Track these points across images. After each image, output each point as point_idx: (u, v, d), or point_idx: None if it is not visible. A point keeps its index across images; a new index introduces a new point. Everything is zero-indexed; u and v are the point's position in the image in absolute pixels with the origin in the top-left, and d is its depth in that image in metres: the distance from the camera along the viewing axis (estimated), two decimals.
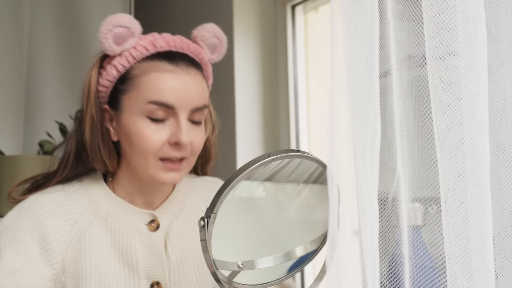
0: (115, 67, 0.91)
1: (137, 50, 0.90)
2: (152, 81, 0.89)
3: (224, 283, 0.71)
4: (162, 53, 0.91)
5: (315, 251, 0.79)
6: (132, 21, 0.90)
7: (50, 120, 1.81)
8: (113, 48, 0.89)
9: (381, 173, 0.55)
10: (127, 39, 0.90)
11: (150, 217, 0.97)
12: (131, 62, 0.91)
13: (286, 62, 1.88)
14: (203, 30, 0.97)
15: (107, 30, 0.89)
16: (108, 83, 0.92)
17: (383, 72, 0.57)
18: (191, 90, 0.90)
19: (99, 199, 0.95)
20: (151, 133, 0.88)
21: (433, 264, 0.60)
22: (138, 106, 0.89)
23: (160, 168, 0.90)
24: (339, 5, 0.54)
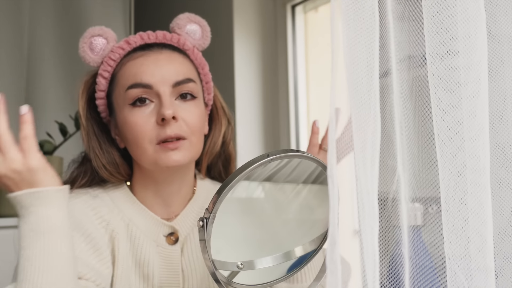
0: (101, 75, 0.93)
1: (114, 53, 0.92)
2: (126, 70, 0.90)
3: (223, 283, 0.71)
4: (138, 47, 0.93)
5: (315, 251, 0.78)
6: (102, 29, 0.93)
7: (50, 120, 1.81)
8: (93, 58, 0.93)
9: (381, 173, 0.55)
10: (103, 47, 0.93)
11: (170, 230, 0.94)
12: (112, 65, 0.92)
13: (286, 62, 1.88)
14: (177, 19, 0.99)
15: (83, 44, 0.93)
16: (102, 93, 0.93)
17: (383, 72, 0.57)
18: (166, 65, 0.90)
19: (123, 204, 0.93)
20: (137, 118, 0.87)
21: (433, 264, 0.59)
22: (121, 98, 0.89)
23: (159, 151, 0.87)
24: (339, 5, 0.54)
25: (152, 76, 0.88)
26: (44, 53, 2.00)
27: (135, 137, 0.88)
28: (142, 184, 0.94)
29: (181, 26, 0.97)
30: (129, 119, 0.88)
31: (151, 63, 0.89)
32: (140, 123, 0.87)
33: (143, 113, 0.87)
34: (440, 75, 0.55)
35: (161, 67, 0.89)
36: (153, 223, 0.93)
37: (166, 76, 0.88)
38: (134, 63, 0.90)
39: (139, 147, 0.88)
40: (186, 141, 0.88)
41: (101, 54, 0.93)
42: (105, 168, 0.92)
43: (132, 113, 0.88)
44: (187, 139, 0.88)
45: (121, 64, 0.92)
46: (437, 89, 0.55)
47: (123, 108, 0.89)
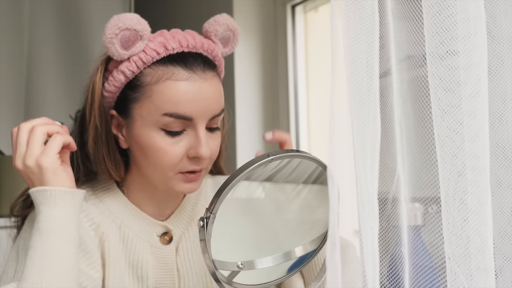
0: (123, 73, 0.83)
1: (147, 54, 0.82)
2: (166, 91, 0.81)
3: (223, 283, 0.71)
4: (175, 55, 0.83)
5: (315, 251, 0.79)
6: (140, 22, 0.82)
7: None
8: (120, 53, 0.81)
9: (381, 173, 0.55)
10: (136, 42, 0.82)
11: (163, 229, 0.92)
12: (141, 67, 0.83)
13: (286, 62, 1.88)
14: (216, 24, 0.89)
15: (113, 34, 0.80)
16: (115, 89, 0.85)
17: (383, 72, 0.57)
18: (209, 98, 0.83)
19: (114, 206, 0.90)
20: (167, 146, 0.82)
21: (433, 264, 0.59)
22: (152, 117, 0.81)
23: (180, 180, 0.84)
24: (339, 5, 0.54)
25: (195, 110, 0.81)
26: (44, 53, 2.00)
27: (158, 162, 0.83)
28: (138, 187, 0.92)
29: (219, 33, 0.89)
30: (158, 143, 0.82)
31: (197, 95, 0.82)
32: (170, 153, 0.82)
33: (175, 143, 0.82)
34: (440, 75, 0.55)
35: (203, 99, 0.82)
36: (145, 224, 0.91)
37: (207, 110, 0.83)
38: (177, 87, 0.81)
39: (159, 171, 0.84)
40: (204, 169, 0.87)
41: (132, 51, 0.82)
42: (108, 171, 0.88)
43: (163, 139, 0.82)
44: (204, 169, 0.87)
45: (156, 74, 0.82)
46: (437, 89, 0.55)
47: (150, 126, 0.82)
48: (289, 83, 1.87)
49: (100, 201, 0.90)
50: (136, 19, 0.82)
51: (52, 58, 2.00)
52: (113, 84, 0.85)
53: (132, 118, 0.85)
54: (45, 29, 2.02)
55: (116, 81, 0.85)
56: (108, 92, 0.86)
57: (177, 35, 0.85)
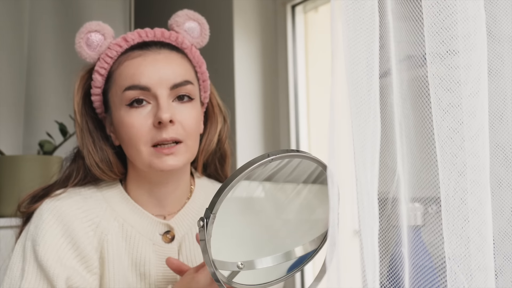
0: (98, 72, 0.91)
1: (111, 50, 0.91)
2: (124, 70, 0.89)
3: (223, 283, 0.71)
4: (135, 45, 0.91)
5: (315, 251, 0.79)
6: (100, 24, 0.92)
7: (50, 120, 1.81)
8: (89, 54, 0.91)
9: (381, 173, 0.55)
10: (100, 43, 0.91)
11: (166, 228, 0.94)
12: (109, 62, 0.91)
13: (286, 62, 1.88)
14: (175, 16, 0.97)
15: (79, 39, 0.91)
16: (98, 90, 0.92)
17: (383, 72, 0.57)
18: (164, 67, 0.88)
19: (117, 205, 0.92)
20: (133, 119, 0.86)
21: (433, 264, 0.59)
22: (118, 97, 0.88)
23: (155, 155, 0.86)
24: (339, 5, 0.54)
25: (150, 78, 0.86)
26: (44, 53, 2.00)
27: (130, 138, 0.87)
28: (136, 183, 0.94)
29: (180, 23, 0.96)
30: (125, 119, 0.87)
31: (149, 64, 0.88)
32: (136, 125, 0.86)
33: (140, 115, 0.86)
34: (440, 75, 0.55)
35: (159, 69, 0.88)
36: (148, 222, 0.92)
37: (164, 78, 0.87)
38: (132, 63, 0.89)
39: (134, 148, 0.87)
40: (182, 144, 0.87)
41: (98, 50, 0.91)
42: (98, 166, 0.91)
43: (128, 114, 0.87)
44: (183, 143, 0.87)
45: (118, 62, 0.91)
46: (437, 88, 0.55)
47: (119, 108, 0.88)
48: (289, 83, 1.87)
49: (104, 199, 0.92)
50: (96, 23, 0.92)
51: (52, 58, 2.00)
52: (94, 86, 0.93)
53: (110, 109, 0.92)
54: (45, 29, 2.01)
55: (95, 81, 0.92)
56: (94, 95, 0.93)
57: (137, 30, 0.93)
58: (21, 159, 1.61)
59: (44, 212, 0.89)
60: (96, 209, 0.91)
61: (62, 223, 0.87)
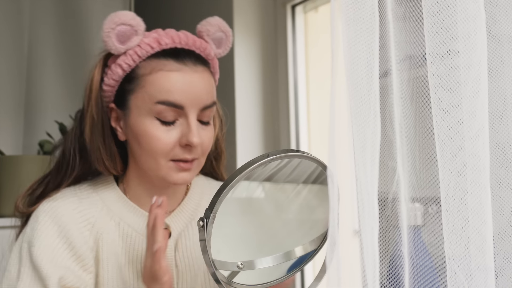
0: (120, 66, 0.88)
1: (141, 48, 0.87)
2: (158, 81, 0.86)
3: (223, 283, 0.71)
4: (168, 50, 0.88)
5: (315, 251, 0.79)
6: (135, 18, 0.88)
7: (50, 120, 1.81)
8: (117, 47, 0.87)
9: (381, 173, 0.55)
10: (131, 37, 0.87)
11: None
12: (136, 60, 0.88)
13: (286, 62, 1.88)
14: (207, 24, 0.94)
15: (109, 29, 0.86)
16: (114, 82, 0.89)
17: (383, 72, 0.57)
18: (200, 88, 0.87)
19: (113, 204, 0.93)
20: (161, 134, 0.85)
21: (433, 264, 0.59)
22: (146, 106, 0.86)
23: (172, 169, 0.87)
24: (339, 5, 0.54)
25: (186, 98, 0.85)
26: (44, 53, 2.00)
27: (151, 149, 0.86)
28: (137, 182, 0.94)
29: (211, 33, 0.94)
30: (150, 130, 0.86)
31: (187, 83, 0.86)
32: (162, 140, 0.85)
33: (168, 131, 0.86)
34: (440, 75, 0.55)
35: (195, 89, 0.87)
36: (145, 220, 0.92)
37: (198, 99, 0.87)
38: (169, 76, 0.86)
39: (153, 159, 0.87)
40: (196, 161, 0.89)
41: (127, 45, 0.87)
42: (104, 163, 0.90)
43: (155, 127, 0.86)
44: (197, 159, 0.89)
45: (149, 66, 0.87)
46: (437, 88, 0.55)
47: (145, 116, 0.86)
48: (289, 83, 1.87)
49: (100, 199, 0.93)
50: (132, 15, 0.88)
51: (52, 58, 2.00)
52: (111, 78, 0.89)
53: (129, 109, 0.89)
54: (45, 29, 2.01)
55: (114, 74, 0.89)
56: (107, 85, 0.90)
57: (170, 33, 0.90)
58: (21, 159, 1.61)
59: (40, 214, 0.89)
60: (92, 209, 0.91)
61: (57, 224, 0.88)
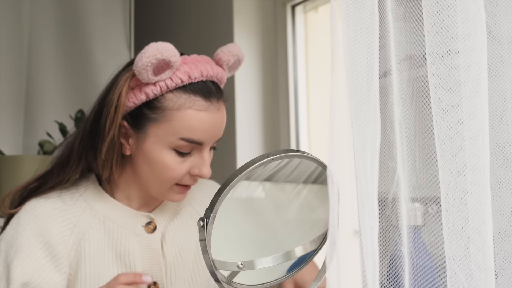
0: (147, 94, 0.89)
1: (173, 82, 0.89)
2: (187, 119, 0.89)
3: (223, 283, 0.71)
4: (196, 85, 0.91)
5: (315, 251, 0.78)
6: (175, 54, 0.87)
7: (50, 120, 1.81)
8: (150, 79, 0.87)
9: (381, 173, 0.55)
10: (166, 70, 0.88)
11: (147, 219, 0.98)
12: (164, 91, 0.89)
13: (286, 62, 1.88)
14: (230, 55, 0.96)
15: (149, 63, 0.85)
16: (133, 105, 0.91)
17: (383, 72, 0.57)
18: (221, 127, 0.94)
19: (96, 203, 0.95)
20: (175, 165, 0.90)
21: (433, 264, 0.59)
22: (168, 139, 0.89)
23: (175, 191, 0.93)
24: (339, 5, 0.54)
25: (207, 137, 0.91)
26: (44, 52, 2.00)
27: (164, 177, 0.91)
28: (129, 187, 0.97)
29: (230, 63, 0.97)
30: (167, 160, 0.90)
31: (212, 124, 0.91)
32: (176, 171, 0.90)
33: (182, 163, 0.91)
34: (440, 75, 0.55)
35: (216, 127, 0.92)
36: (129, 215, 0.96)
37: (217, 136, 0.94)
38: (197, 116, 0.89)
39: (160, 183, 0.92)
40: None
41: (160, 77, 0.88)
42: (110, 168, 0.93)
43: (172, 158, 0.90)
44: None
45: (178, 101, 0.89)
46: (437, 88, 0.55)
47: (163, 146, 0.90)
48: (289, 83, 1.87)
49: (83, 198, 0.95)
50: (173, 51, 0.87)
51: (52, 57, 2.00)
52: (132, 101, 0.91)
53: (145, 134, 0.91)
54: (45, 28, 2.01)
55: (136, 99, 0.90)
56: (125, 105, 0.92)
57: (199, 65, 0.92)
58: (21, 159, 1.61)
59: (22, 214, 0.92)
60: (74, 208, 0.94)
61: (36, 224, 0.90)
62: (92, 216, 0.94)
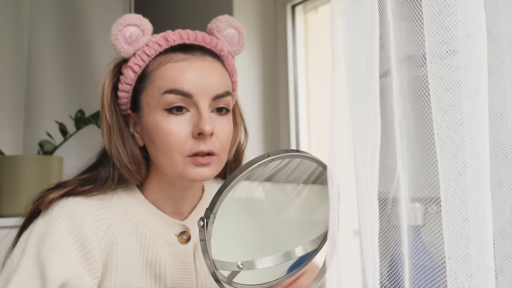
0: (131, 68, 0.88)
1: (150, 47, 0.87)
2: (166, 72, 0.85)
3: (223, 283, 0.71)
4: (176, 46, 0.88)
5: (315, 251, 0.78)
6: (141, 18, 0.88)
7: (50, 120, 1.81)
8: (125, 49, 0.87)
9: (381, 173, 0.55)
10: (138, 38, 0.87)
11: (182, 228, 0.92)
12: (146, 60, 0.87)
13: (286, 62, 1.88)
14: (217, 21, 0.93)
15: (117, 31, 0.86)
16: (128, 86, 0.89)
17: (383, 72, 0.57)
18: (209, 76, 0.85)
19: (131, 205, 0.90)
20: (171, 126, 0.83)
21: (433, 264, 0.59)
22: (155, 100, 0.85)
23: (189, 165, 0.84)
24: (339, 5, 0.54)
25: (194, 86, 0.83)
26: (44, 53, 2.00)
27: (167, 145, 0.83)
28: (157, 186, 0.91)
29: (221, 29, 0.92)
30: (162, 125, 0.83)
31: (194, 70, 0.85)
32: (174, 133, 0.83)
33: (179, 123, 0.83)
34: (440, 75, 0.55)
35: (204, 77, 0.85)
36: (163, 223, 0.91)
37: (208, 87, 0.84)
38: (175, 66, 0.85)
39: (167, 155, 0.84)
40: (216, 157, 0.85)
41: (135, 45, 0.87)
42: (127, 168, 0.88)
43: (166, 120, 0.83)
44: (216, 156, 0.85)
45: (157, 62, 0.87)
46: (437, 88, 0.55)
47: (155, 111, 0.85)
48: (289, 83, 1.87)
49: (119, 200, 0.90)
50: (137, 16, 0.88)
51: (52, 58, 2.00)
52: (124, 82, 0.89)
53: (141, 109, 0.88)
54: (45, 28, 2.02)
55: (126, 78, 0.88)
56: (122, 91, 0.90)
57: (178, 30, 0.89)
58: (21, 159, 1.61)
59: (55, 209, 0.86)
60: (110, 208, 0.88)
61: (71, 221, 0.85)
62: (126, 219, 0.89)
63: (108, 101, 0.89)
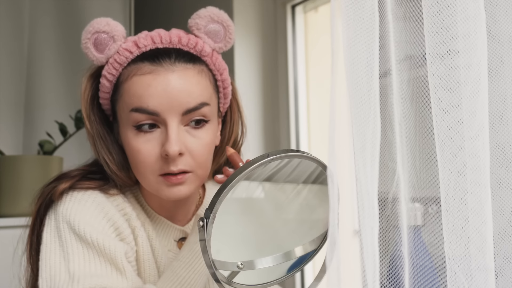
0: (105, 77, 0.83)
1: (120, 55, 0.81)
2: (132, 86, 0.79)
3: (223, 283, 0.71)
4: (147, 53, 0.81)
5: (315, 251, 0.78)
6: (109, 23, 0.81)
7: (50, 120, 1.81)
8: (97, 57, 0.82)
9: (381, 173, 0.55)
10: (108, 45, 0.81)
11: (181, 234, 0.90)
12: (118, 68, 0.82)
13: (286, 62, 1.88)
14: (197, 17, 0.84)
15: (86, 39, 0.81)
16: (106, 95, 0.84)
17: (383, 72, 0.57)
18: (176, 90, 0.77)
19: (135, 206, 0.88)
20: (140, 145, 0.78)
21: (433, 264, 0.59)
22: (125, 116, 0.80)
23: (162, 184, 0.79)
24: (339, 5, 0.54)
25: (160, 103, 0.77)
26: (44, 53, 2.00)
27: (138, 164, 0.80)
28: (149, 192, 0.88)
29: (201, 26, 0.84)
30: (132, 143, 0.79)
31: (159, 86, 0.77)
32: (143, 152, 0.78)
33: (148, 142, 0.78)
34: (440, 75, 0.55)
35: (170, 92, 0.77)
36: (163, 227, 0.89)
37: (176, 103, 0.77)
38: (141, 80, 0.78)
39: (141, 174, 0.81)
40: (191, 174, 0.80)
41: (106, 53, 0.81)
42: (117, 175, 0.84)
43: (135, 138, 0.79)
44: (192, 173, 0.80)
45: (128, 71, 0.81)
46: (437, 88, 0.55)
47: (126, 127, 0.80)
48: (289, 83, 1.87)
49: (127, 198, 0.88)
50: (105, 21, 0.82)
51: (52, 58, 2.00)
52: (102, 91, 0.85)
53: (117, 121, 0.84)
54: (45, 29, 2.02)
55: (103, 86, 0.84)
56: (102, 99, 0.86)
57: (151, 33, 0.83)
58: (21, 159, 1.61)
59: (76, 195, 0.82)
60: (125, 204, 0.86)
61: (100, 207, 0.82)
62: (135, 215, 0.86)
63: (87, 111, 0.85)
